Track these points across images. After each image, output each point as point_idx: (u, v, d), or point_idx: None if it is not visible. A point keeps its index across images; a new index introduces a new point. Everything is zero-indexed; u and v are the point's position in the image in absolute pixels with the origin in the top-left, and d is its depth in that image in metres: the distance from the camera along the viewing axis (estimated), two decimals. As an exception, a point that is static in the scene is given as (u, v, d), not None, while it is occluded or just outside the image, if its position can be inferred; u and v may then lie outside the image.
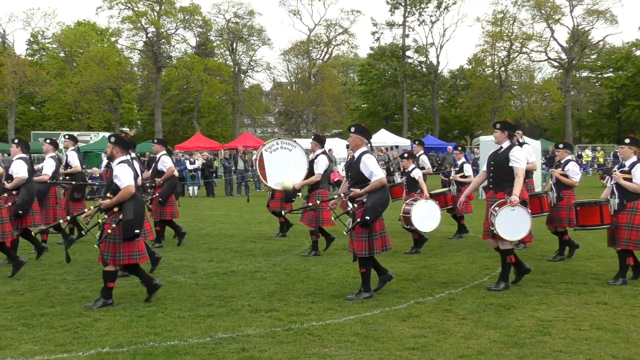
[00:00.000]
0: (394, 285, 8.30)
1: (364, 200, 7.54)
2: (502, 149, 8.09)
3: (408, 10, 58.30)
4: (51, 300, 7.70)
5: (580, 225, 9.48)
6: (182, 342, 5.96)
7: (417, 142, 13.36)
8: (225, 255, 11.05)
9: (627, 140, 8.45)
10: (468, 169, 12.87)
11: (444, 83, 62.66)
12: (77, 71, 55.37)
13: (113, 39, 59.34)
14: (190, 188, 28.11)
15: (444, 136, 58.72)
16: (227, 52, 60.98)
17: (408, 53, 60.02)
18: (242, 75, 61.04)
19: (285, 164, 11.24)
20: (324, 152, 11.10)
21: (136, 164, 9.67)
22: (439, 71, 60.06)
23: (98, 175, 26.51)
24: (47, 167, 11.18)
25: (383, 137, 40.92)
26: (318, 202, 9.90)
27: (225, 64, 59.23)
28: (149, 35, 56.09)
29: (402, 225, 11.07)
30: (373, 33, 60.86)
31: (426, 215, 10.62)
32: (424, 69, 60.42)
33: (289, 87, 67.87)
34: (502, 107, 56.71)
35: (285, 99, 64.72)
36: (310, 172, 10.98)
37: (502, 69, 57.06)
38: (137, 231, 7.32)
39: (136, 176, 7.58)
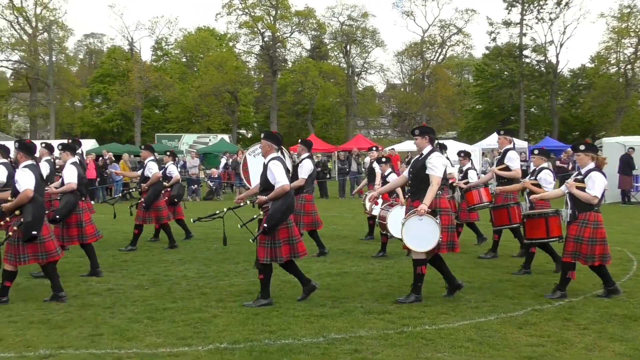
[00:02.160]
0: (510, 292, 8.08)
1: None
2: (422, 156, 7.65)
3: (525, 8, 56.42)
4: (173, 295, 8.04)
5: (528, 239, 8.90)
6: (295, 341, 6.06)
7: (463, 155, 13.10)
8: (339, 257, 11.13)
9: (582, 147, 7.86)
10: (473, 176, 12.20)
11: (564, 83, 60.13)
12: (198, 75, 57.58)
13: (231, 44, 61.32)
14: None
15: (564, 138, 56.38)
16: (341, 55, 61.52)
17: (525, 52, 58.11)
18: (356, 78, 61.37)
19: None
20: (309, 157, 11.02)
21: (44, 167, 10.12)
22: (558, 70, 57.74)
23: (217, 175, 27.47)
24: (43, 169, 10.47)
25: (498, 139, 39.76)
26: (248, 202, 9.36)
27: (339, 67, 59.80)
28: (265, 39, 57.52)
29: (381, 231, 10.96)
30: (489, 32, 59.46)
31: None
32: (543, 69, 58.28)
33: (402, 89, 67.51)
34: (628, 107, 53.84)
35: (398, 100, 64.43)
36: (295, 176, 10.86)
37: (629, 66, 54.14)
38: (34, 233, 7.42)
39: (41, 180, 7.75)
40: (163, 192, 12.91)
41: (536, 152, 9.64)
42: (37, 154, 9.79)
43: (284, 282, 8.76)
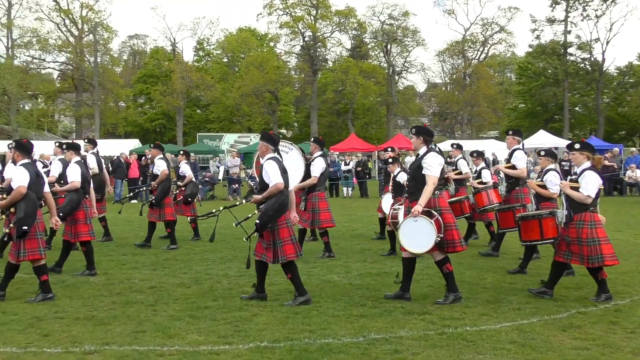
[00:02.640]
0: (553, 293, 7.95)
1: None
2: (419, 156, 7.61)
3: (570, 5, 55.46)
4: (214, 294, 8.11)
5: (523, 241, 8.75)
6: (335, 340, 6.07)
7: (454, 146, 13.22)
8: (379, 256, 11.10)
9: (577, 146, 7.71)
10: (487, 175, 12.02)
11: (610, 81, 58.86)
12: (239, 75, 58.03)
13: (272, 44, 61.67)
14: (345, 189, 28.49)
15: (609, 137, 55.24)
16: (382, 54, 61.34)
17: (570, 50, 57.07)
18: (396, 77, 61.12)
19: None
20: (322, 155, 11.05)
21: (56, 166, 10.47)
22: (604, 68, 56.60)
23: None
24: (74, 172, 10.34)
25: (542, 139, 39.21)
26: (244, 201, 9.20)
27: (379, 66, 59.64)
28: (306, 39, 57.72)
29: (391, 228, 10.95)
30: (532, 30, 58.55)
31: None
32: (588, 67, 57.20)
33: (443, 88, 67.02)
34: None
35: (439, 99, 63.98)
36: (307, 174, 10.88)
37: (678, 64, 52.76)
38: (24, 228, 7.53)
39: (37, 178, 7.86)
40: (178, 191, 13.16)
41: (542, 153, 9.49)
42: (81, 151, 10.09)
43: (324, 282, 8.78)
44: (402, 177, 11.09)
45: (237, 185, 26.82)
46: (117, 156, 26.24)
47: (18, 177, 7.71)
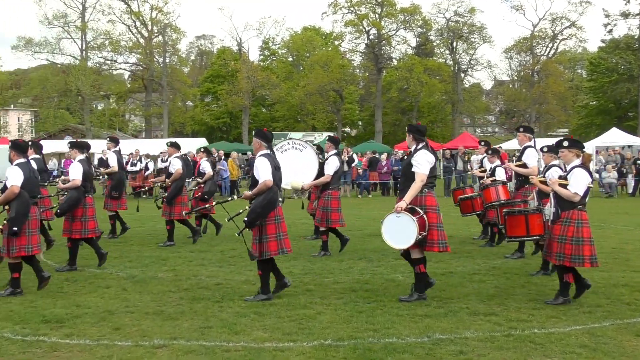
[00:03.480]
0: (627, 297, 7.71)
1: None
2: (411, 154, 7.67)
3: (646, -2, 53.47)
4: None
5: (509, 237, 8.56)
6: (400, 340, 6.04)
7: (482, 143, 13.06)
8: (444, 256, 10.94)
9: (565, 143, 7.62)
10: (500, 173, 11.65)
11: (688, 76, 56.51)
12: (304, 74, 58.34)
13: (336, 43, 61.74)
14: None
15: (687, 135, 53.01)
16: (447, 51, 60.59)
17: (645, 45, 55.08)
18: (462, 74, 60.28)
19: (295, 164, 11.34)
20: (336, 154, 10.97)
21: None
22: (681, 63, 54.37)
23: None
24: (76, 171, 10.28)
25: (614, 137, 37.92)
26: (235, 197, 9.21)
27: (444, 64, 58.94)
28: (370, 37, 57.54)
29: None
30: (605, 25, 56.74)
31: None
32: (664, 62, 55.04)
33: (510, 85, 65.68)
34: None
35: (506, 97, 62.72)
36: (321, 172, 10.86)
37: None
38: (15, 228, 7.76)
39: (32, 178, 8.12)
40: (197, 188, 13.34)
41: (545, 149, 9.22)
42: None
43: (388, 281, 8.75)
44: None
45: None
46: (184, 154, 26.75)
47: (12, 176, 7.94)
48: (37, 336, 6.18)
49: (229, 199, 8.87)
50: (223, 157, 28.64)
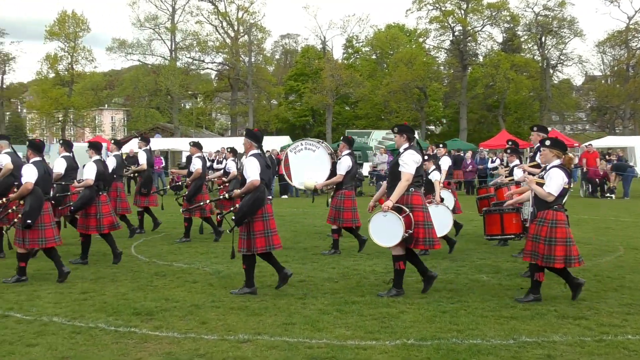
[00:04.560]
0: None
1: None
2: (399, 153, 7.80)
3: None
4: (361, 289, 8.19)
5: (486, 235, 8.44)
6: (484, 341, 5.93)
7: (509, 142, 12.43)
8: (530, 257, 10.70)
9: (547, 142, 7.59)
10: (518, 173, 10.92)
11: None
12: (387, 72, 58.11)
13: (421, 40, 61.14)
14: (493, 187, 27.66)
15: None
16: (535, 47, 58.92)
17: None
18: (551, 70, 58.49)
19: (308, 164, 11.37)
20: (349, 154, 10.88)
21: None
22: None
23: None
24: (89, 170, 10.50)
25: None
26: (227, 195, 8.91)
27: (532, 59, 57.34)
28: (456, 33, 56.72)
29: None
30: None
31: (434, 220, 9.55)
32: None
33: (602, 81, 63.22)
34: None
35: (598, 93, 60.37)
36: (333, 172, 11.03)
37: None
38: (29, 222, 8.28)
39: (45, 175, 8.64)
40: (222, 186, 13.62)
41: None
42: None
43: (472, 281, 8.62)
44: (435, 176, 10.99)
45: (384, 181, 26.84)
46: (268, 152, 27.14)
47: (27, 173, 8.49)
48: (128, 327, 6.43)
49: (221, 197, 9.18)
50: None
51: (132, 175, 14.82)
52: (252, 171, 7.75)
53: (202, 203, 11.63)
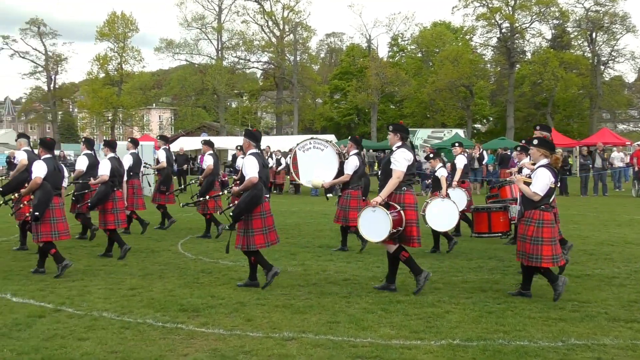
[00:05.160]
0: None
1: None
2: (392, 152, 7.94)
3: None
4: (406, 288, 8.14)
5: (475, 233, 8.58)
6: (532, 343, 5.84)
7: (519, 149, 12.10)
8: (580, 257, 10.50)
9: (535, 142, 7.68)
10: (527, 172, 10.50)
11: None
12: (433, 70, 57.63)
13: (467, 37, 60.47)
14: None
15: None
16: (585, 43, 57.69)
17: None
18: (602, 67, 57.19)
19: (316, 163, 11.44)
20: (357, 154, 10.87)
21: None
22: None
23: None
24: (104, 167, 10.87)
25: None
26: (226, 192, 9.34)
27: (582, 56, 56.13)
28: (503, 30, 55.87)
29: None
30: None
31: (440, 214, 9.67)
32: None
33: (656, 78, 61.61)
34: None
35: (652, 90, 58.86)
36: (341, 172, 11.13)
37: None
38: (36, 214, 8.68)
39: (54, 171, 9.01)
40: (234, 184, 13.46)
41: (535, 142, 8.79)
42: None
43: (519, 282, 8.47)
44: (442, 173, 11.13)
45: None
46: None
47: (37, 169, 8.91)
48: (175, 324, 6.52)
49: (220, 194, 9.52)
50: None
51: (153, 172, 15.22)
52: (251, 169, 8.00)
53: (201, 199, 11.85)
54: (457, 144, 12.96)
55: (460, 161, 12.30)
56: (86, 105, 63.53)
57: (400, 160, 7.73)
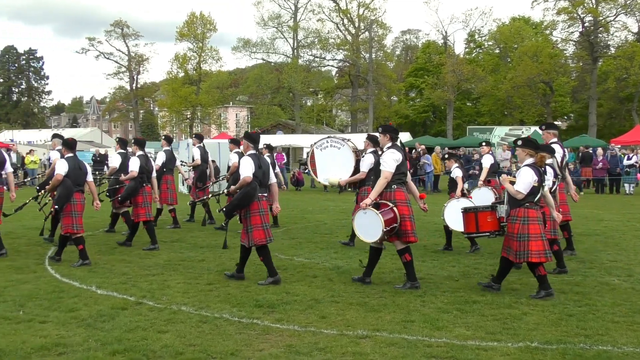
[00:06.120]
0: None
1: None
2: (382, 153, 8.16)
3: None
4: (479, 289, 8.00)
5: (465, 233, 9.06)
6: (615, 348, 5.64)
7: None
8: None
9: (519, 142, 7.90)
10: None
11: None
12: (511, 66, 56.44)
13: (547, 32, 58.84)
14: (626, 185, 26.19)
15: None
16: (675, 36, 55.19)
17: None
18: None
19: (333, 161, 11.56)
20: (373, 152, 10.58)
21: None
22: None
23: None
24: (133, 164, 11.45)
25: None
26: (225, 191, 9.31)
27: (672, 49, 53.70)
28: (585, 24, 54.08)
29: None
30: None
31: (458, 214, 9.47)
32: None
33: None
34: None
35: None
36: (357, 169, 11.13)
37: None
38: (56, 207, 9.48)
39: (75, 169, 9.61)
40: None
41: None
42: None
43: (601, 284, 8.24)
44: (457, 173, 11.14)
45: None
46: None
47: (58, 167, 9.63)
48: (251, 319, 6.62)
49: (220, 192, 9.87)
50: (427, 152, 28.57)
51: (189, 169, 15.92)
52: (245, 169, 8.36)
53: (205, 197, 12.02)
54: (484, 144, 12.84)
55: (487, 160, 12.17)
56: (166, 104, 65.27)
57: (389, 161, 8.00)
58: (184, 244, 11.64)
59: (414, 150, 27.08)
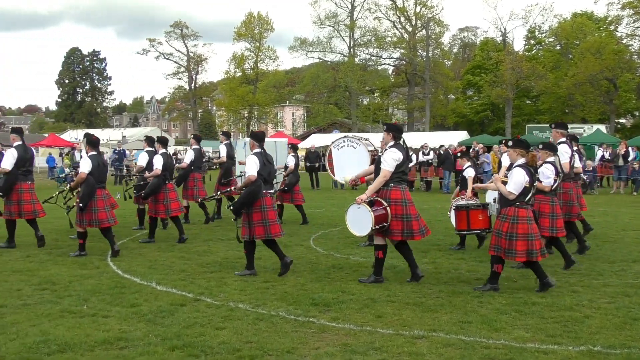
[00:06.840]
0: None
1: None
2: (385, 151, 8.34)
3: None
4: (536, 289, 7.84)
5: (457, 230, 9.27)
6: (682, 354, 5.44)
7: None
8: None
9: (510, 143, 8.03)
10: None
11: None
12: (573, 63, 55.09)
13: (611, 27, 57.20)
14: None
15: None
16: None
17: None
18: None
19: (350, 160, 11.69)
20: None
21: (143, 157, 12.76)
22: None
23: (591, 168, 26.03)
24: (157, 162, 11.91)
25: None
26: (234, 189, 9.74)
27: None
28: (652, 19, 52.36)
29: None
30: None
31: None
32: None
33: None
34: None
35: None
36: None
37: None
38: (81, 205, 9.91)
39: (99, 166, 10.18)
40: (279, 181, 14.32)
41: (541, 146, 9.38)
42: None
43: (668, 288, 7.95)
44: (469, 173, 11.16)
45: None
46: (445, 147, 26.83)
47: (83, 165, 10.10)
48: (307, 317, 6.64)
49: (228, 189, 10.68)
50: (485, 151, 28.15)
51: (214, 167, 16.35)
52: (251, 167, 8.66)
53: (214, 194, 12.06)
54: (503, 142, 12.58)
55: (506, 160, 11.87)
56: (224, 103, 66.17)
57: (389, 161, 8.17)
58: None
59: (471, 150, 26.70)
